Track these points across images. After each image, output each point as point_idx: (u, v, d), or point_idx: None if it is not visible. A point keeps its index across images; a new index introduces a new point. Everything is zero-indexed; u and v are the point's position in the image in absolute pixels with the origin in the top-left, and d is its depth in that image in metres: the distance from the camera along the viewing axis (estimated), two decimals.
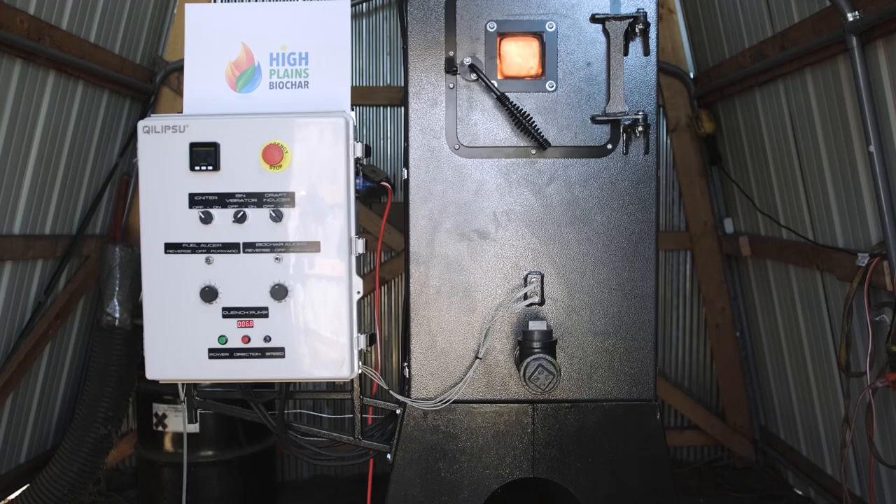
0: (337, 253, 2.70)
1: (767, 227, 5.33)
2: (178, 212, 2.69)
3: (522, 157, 2.94)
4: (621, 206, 2.93)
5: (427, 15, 2.92)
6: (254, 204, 2.68)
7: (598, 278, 2.94)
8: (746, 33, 5.06)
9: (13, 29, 4.10)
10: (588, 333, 2.95)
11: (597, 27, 2.91)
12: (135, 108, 5.73)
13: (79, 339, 5.58)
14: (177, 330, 2.73)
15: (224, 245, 2.70)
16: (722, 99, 5.64)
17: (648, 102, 2.92)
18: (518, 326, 2.93)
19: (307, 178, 2.68)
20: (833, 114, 4.21)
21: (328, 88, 2.89)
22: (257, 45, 2.92)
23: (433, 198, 2.94)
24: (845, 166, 4.17)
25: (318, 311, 2.71)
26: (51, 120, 4.72)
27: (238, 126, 2.68)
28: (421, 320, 2.96)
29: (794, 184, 4.81)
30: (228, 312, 2.71)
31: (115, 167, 5.59)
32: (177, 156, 2.69)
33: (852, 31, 3.68)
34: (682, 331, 6.26)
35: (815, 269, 4.63)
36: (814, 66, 4.32)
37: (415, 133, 2.94)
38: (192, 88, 2.93)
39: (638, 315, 2.94)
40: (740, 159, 5.58)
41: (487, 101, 2.93)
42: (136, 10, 5.42)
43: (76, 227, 5.31)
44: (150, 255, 2.72)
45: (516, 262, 2.95)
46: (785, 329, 5.31)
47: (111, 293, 5.30)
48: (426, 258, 2.95)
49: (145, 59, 5.77)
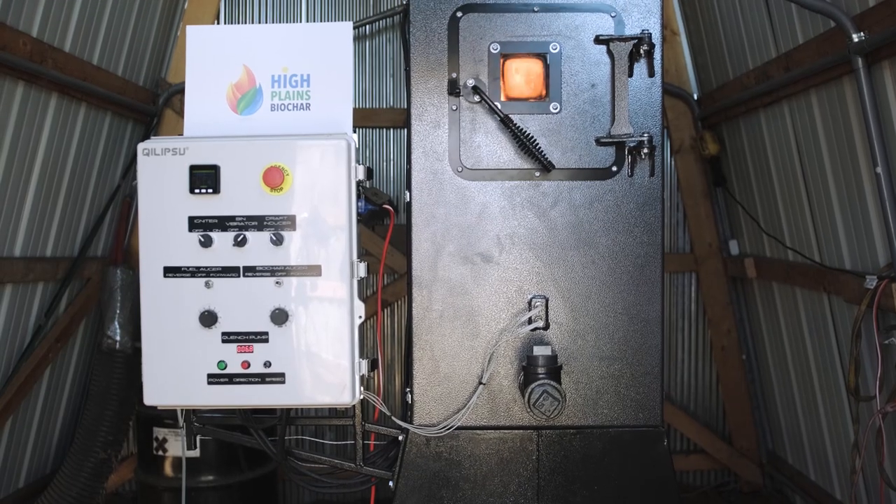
0: (338, 277, 2.66)
1: (773, 249, 5.29)
2: (178, 235, 2.66)
3: (526, 180, 2.91)
4: (626, 228, 2.90)
5: (430, 36, 2.90)
6: (254, 227, 2.65)
7: (603, 302, 2.90)
8: (750, 54, 5.04)
9: (15, 51, 4.09)
10: (593, 358, 2.91)
11: (601, 48, 2.89)
12: (138, 130, 5.72)
13: (79, 362, 5.54)
14: (175, 355, 2.69)
15: (224, 269, 2.66)
16: (726, 120, 5.62)
17: (654, 124, 2.89)
18: (522, 351, 2.89)
19: (308, 200, 2.65)
20: (839, 135, 4.18)
21: (330, 110, 2.87)
22: (259, 67, 2.91)
23: (436, 221, 2.91)
24: (852, 188, 4.13)
25: (319, 335, 2.67)
26: (53, 142, 4.70)
27: (238, 148, 2.66)
28: (424, 345, 2.91)
29: (800, 205, 4.78)
30: (228, 337, 2.67)
31: (118, 189, 5.57)
32: (176, 178, 2.66)
33: (858, 52, 3.66)
34: (688, 353, 6.20)
35: (821, 291, 4.58)
36: (819, 88, 4.29)
37: (417, 155, 2.91)
38: (192, 111, 2.91)
39: (644, 340, 2.90)
40: (745, 181, 5.55)
41: (491, 123, 2.90)
42: (140, 32, 5.42)
43: (77, 250, 5.28)
44: (149, 279, 2.68)
45: (520, 286, 2.91)
46: (792, 352, 5.25)
47: (112, 316, 5.26)
48: (429, 282, 2.91)
49: (148, 81, 5.77)
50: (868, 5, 3.65)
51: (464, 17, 2.89)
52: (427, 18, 2.90)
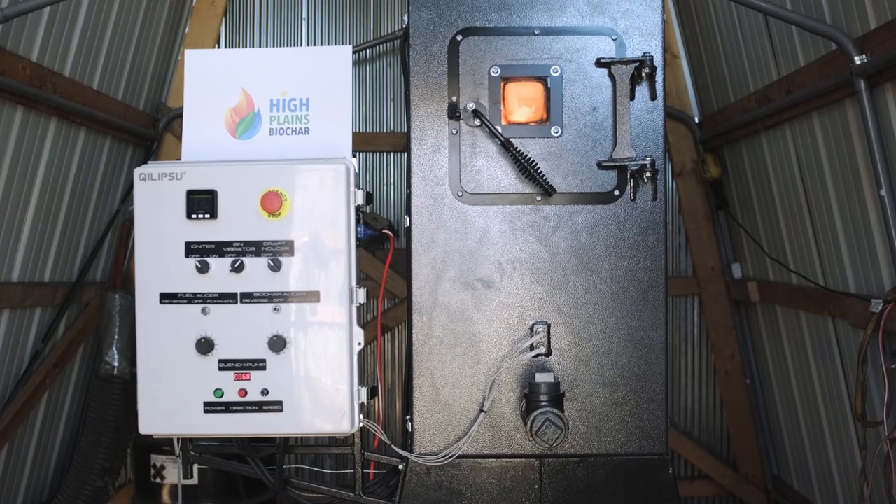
0: (337, 303, 2.63)
1: (776, 273, 5.25)
2: (175, 261, 2.63)
3: (527, 204, 2.87)
4: (629, 253, 2.87)
5: (429, 60, 2.88)
6: (252, 253, 2.62)
7: (606, 328, 2.86)
8: (752, 77, 5.03)
9: (15, 76, 4.08)
10: (596, 385, 2.86)
11: (602, 71, 2.87)
12: (137, 154, 5.70)
13: (77, 388, 5.49)
14: (171, 383, 2.65)
15: (221, 295, 2.63)
16: (728, 143, 5.60)
17: (656, 147, 2.87)
18: (524, 378, 2.85)
19: (307, 226, 2.62)
20: (842, 158, 4.16)
21: (329, 134, 2.85)
22: (258, 91, 2.89)
23: (436, 246, 2.88)
24: (855, 210, 4.10)
25: (317, 363, 2.63)
26: (52, 166, 4.69)
27: (236, 173, 2.63)
28: (424, 372, 2.87)
29: (804, 228, 4.75)
30: (225, 365, 2.63)
31: (117, 213, 5.55)
32: (173, 203, 2.63)
33: (860, 75, 3.64)
34: (691, 378, 6.15)
35: (826, 315, 4.54)
36: (821, 110, 4.28)
37: (417, 179, 2.89)
38: (191, 135, 2.89)
39: (648, 366, 2.86)
40: (747, 204, 5.53)
41: (491, 146, 2.88)
42: (140, 56, 5.43)
43: (76, 274, 5.25)
44: (145, 305, 2.65)
45: (522, 312, 2.87)
46: (796, 376, 5.20)
47: (110, 341, 5.22)
48: (429, 308, 2.87)
49: (149, 105, 5.77)
50: (869, 27, 3.64)
51: (464, 40, 2.88)
52: (427, 42, 2.88)
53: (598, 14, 2.87)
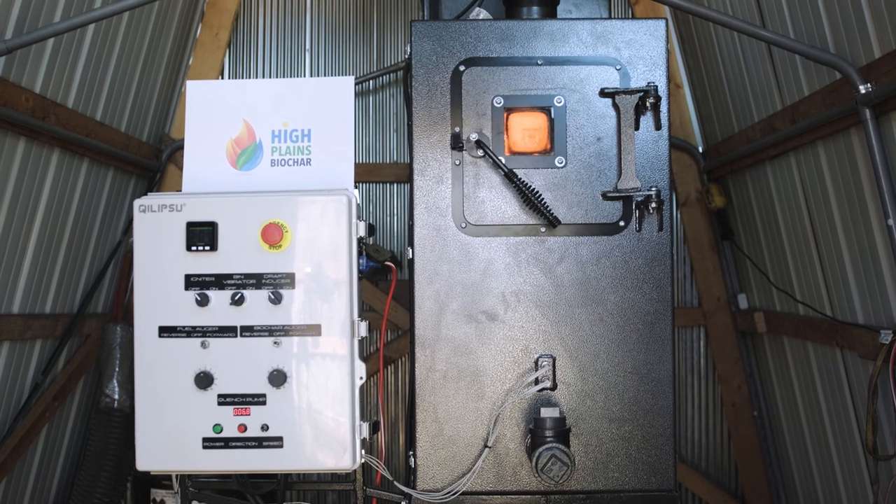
0: (339, 336, 2.59)
1: (783, 303, 5.21)
2: (174, 294, 2.60)
3: (532, 236, 2.84)
4: (635, 285, 2.83)
5: (432, 90, 2.87)
6: (252, 286, 2.59)
7: (612, 361, 2.82)
8: (755, 107, 5.02)
9: (18, 107, 4.08)
10: (603, 420, 2.81)
11: (606, 101, 2.85)
12: (140, 185, 5.69)
13: (77, 421, 5.44)
14: (170, 418, 2.61)
15: (220, 328, 2.59)
16: (732, 173, 5.58)
17: (661, 178, 2.84)
18: (529, 413, 2.80)
19: (308, 258, 2.59)
20: (848, 187, 4.13)
21: (331, 165, 2.83)
22: (259, 122, 2.87)
23: (439, 278, 2.84)
24: (863, 240, 4.07)
25: (318, 398, 2.58)
26: (54, 197, 4.67)
27: (236, 204, 2.60)
28: (427, 407, 2.82)
29: (810, 258, 4.71)
30: (224, 399, 2.59)
31: (119, 245, 5.52)
32: (173, 235, 2.60)
33: (865, 104, 3.63)
34: (698, 410, 6.08)
35: (834, 346, 4.49)
36: (826, 139, 4.26)
37: (420, 211, 2.86)
38: (191, 166, 2.87)
39: (655, 400, 2.81)
40: (753, 234, 5.49)
41: (495, 177, 2.85)
42: (144, 88, 5.44)
43: (77, 306, 5.22)
44: (144, 339, 2.61)
45: (526, 345, 2.83)
46: (805, 408, 5.13)
47: (111, 374, 5.18)
48: (432, 341, 2.83)
49: (152, 136, 5.77)
50: (874, 56, 3.63)
51: (466, 70, 2.86)
52: (429, 72, 2.87)
53: (602, 44, 2.86)
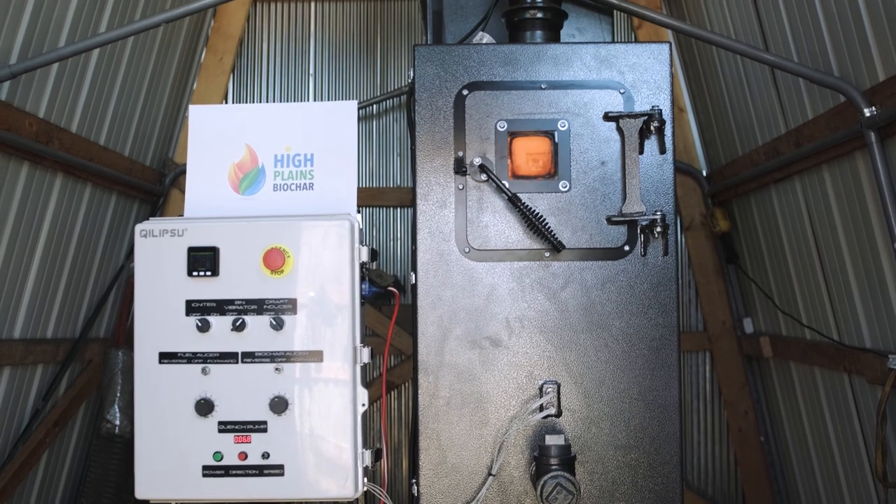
0: (341, 363, 2.56)
1: (789, 327, 5.17)
2: (175, 319, 2.57)
3: (536, 261, 2.81)
4: (640, 310, 2.79)
5: (435, 114, 2.85)
6: (254, 311, 2.56)
7: (617, 388, 2.78)
8: (759, 130, 5.01)
9: (21, 132, 4.08)
10: (609, 447, 2.77)
11: (610, 125, 2.83)
12: (143, 209, 5.69)
13: (77, 447, 5.39)
14: (170, 445, 2.57)
15: (221, 354, 2.56)
16: (736, 196, 5.57)
17: (666, 202, 2.81)
18: (534, 440, 2.76)
19: (310, 283, 2.57)
20: (853, 210, 4.11)
21: (334, 190, 2.81)
22: (262, 147, 2.86)
23: (442, 303, 2.81)
24: (869, 264, 4.04)
25: (319, 425, 2.55)
26: (57, 222, 4.67)
27: (238, 229, 2.58)
28: (430, 434, 2.78)
29: (816, 282, 4.67)
30: (225, 427, 2.56)
31: (122, 269, 5.51)
32: (174, 261, 2.58)
33: (870, 127, 3.61)
34: (704, 435, 6.02)
35: (842, 371, 4.44)
36: (831, 163, 4.24)
37: (423, 236, 2.83)
38: (193, 191, 2.85)
39: (661, 427, 2.77)
40: (758, 257, 5.47)
41: (498, 202, 2.83)
42: (148, 112, 5.45)
43: (79, 331, 5.19)
44: (144, 365, 2.59)
45: (531, 371, 2.79)
46: (813, 434, 5.07)
47: (112, 399, 5.15)
48: (435, 367, 2.80)
49: (155, 160, 5.77)
50: (878, 79, 3.62)
51: (470, 94, 2.85)
52: (432, 96, 2.86)
53: (606, 68, 2.85)
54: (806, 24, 4.18)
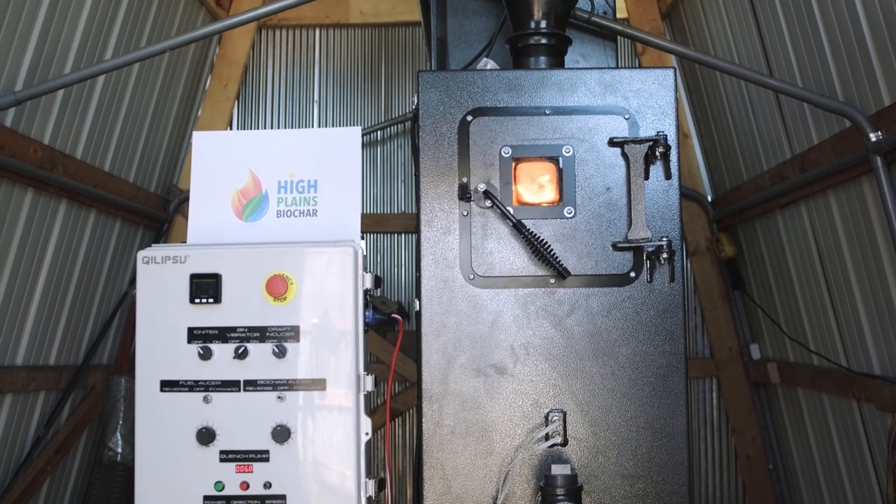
0: (344, 391, 2.52)
1: (797, 353, 5.12)
2: (176, 347, 2.55)
3: (541, 287, 2.79)
4: (647, 337, 2.76)
5: (439, 141, 2.84)
6: (256, 339, 2.53)
7: (624, 416, 2.74)
8: (764, 155, 5.00)
9: (26, 158, 4.09)
10: (616, 476, 2.72)
11: (615, 151, 2.81)
12: (147, 235, 5.69)
13: (79, 474, 5.35)
14: (170, 475, 2.54)
15: (223, 383, 2.53)
16: (742, 222, 5.54)
17: (672, 228, 2.79)
18: (540, 469, 2.71)
19: (313, 311, 2.54)
20: (860, 235, 4.08)
21: (337, 216, 2.79)
22: (265, 173, 2.85)
23: (447, 331, 2.78)
24: (877, 289, 4.00)
25: (322, 454, 2.51)
26: (61, 248, 4.66)
27: (241, 256, 2.57)
28: (434, 463, 2.74)
29: (823, 308, 4.64)
30: (226, 456, 2.52)
31: (125, 296, 5.50)
32: (177, 287, 2.56)
33: (876, 152, 3.60)
34: (711, 463, 5.95)
35: (850, 397, 4.39)
36: (837, 187, 4.22)
37: (427, 262, 2.81)
38: (197, 217, 2.84)
39: (669, 456, 2.72)
40: (764, 283, 5.43)
41: (503, 228, 2.81)
42: (153, 139, 5.46)
43: (82, 357, 5.17)
44: (145, 393, 2.56)
45: (536, 399, 2.75)
46: (822, 462, 5.01)
47: (114, 427, 5.11)
48: (440, 396, 2.76)
49: (160, 187, 5.78)
50: (883, 104, 3.61)
51: (474, 120, 2.84)
52: (437, 122, 2.85)
53: (610, 93, 2.84)
54: (810, 48, 4.18)
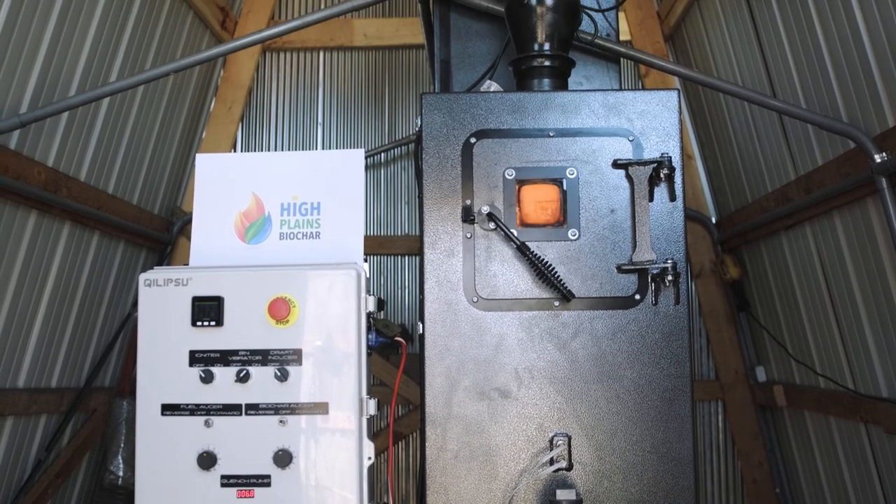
0: (346, 415, 2.50)
1: (803, 376, 5.08)
2: (178, 370, 2.53)
3: (545, 310, 2.77)
4: (652, 360, 2.74)
5: (443, 163, 2.84)
6: (258, 362, 2.52)
7: (630, 440, 2.71)
8: (769, 177, 4.99)
9: (30, 180, 4.09)
10: (622, 502, 2.69)
11: (619, 173, 2.80)
12: (151, 258, 5.68)
13: (81, 498, 5.31)
14: (171, 499, 2.52)
15: (225, 406, 2.52)
16: (747, 243, 5.52)
17: (677, 249, 2.77)
18: (544, 495, 2.68)
19: (315, 334, 2.53)
20: (866, 256, 4.06)
21: (341, 239, 2.79)
22: (268, 195, 2.85)
23: (450, 354, 2.76)
24: (883, 310, 3.97)
25: (325, 479, 2.49)
26: (64, 270, 4.65)
27: (243, 279, 2.55)
28: (438, 488, 2.71)
29: (829, 330, 4.60)
30: (227, 481, 2.50)
31: (128, 318, 5.48)
32: (178, 310, 2.55)
33: (881, 173, 3.58)
34: (717, 486, 5.89)
35: (858, 420, 4.35)
36: (842, 209, 4.20)
37: (430, 285, 2.79)
38: (199, 239, 2.83)
39: (675, 481, 2.69)
40: (769, 305, 5.40)
41: (507, 250, 2.80)
42: (157, 161, 5.46)
43: (84, 380, 5.14)
44: (146, 417, 2.54)
45: (541, 423, 2.73)
46: (829, 485, 4.96)
47: (116, 450, 5.08)
48: (443, 419, 2.73)
49: (164, 209, 5.78)
50: (887, 125, 3.60)
51: (477, 142, 2.84)
52: (440, 144, 2.84)
53: (614, 115, 2.83)
54: (813, 69, 4.18)
